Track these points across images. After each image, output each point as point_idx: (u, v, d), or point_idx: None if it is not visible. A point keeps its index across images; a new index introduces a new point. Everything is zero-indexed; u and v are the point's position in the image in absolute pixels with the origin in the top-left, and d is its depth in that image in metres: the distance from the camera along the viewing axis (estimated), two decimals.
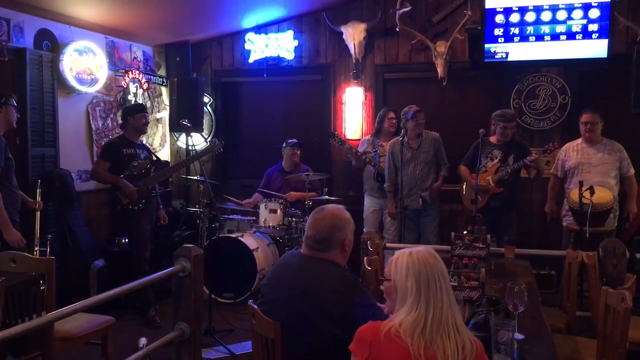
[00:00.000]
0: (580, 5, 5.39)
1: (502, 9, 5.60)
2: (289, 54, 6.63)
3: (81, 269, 5.14)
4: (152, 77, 6.67)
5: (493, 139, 5.13)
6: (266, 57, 6.67)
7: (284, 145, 6.07)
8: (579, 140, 5.12)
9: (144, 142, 5.36)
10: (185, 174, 6.31)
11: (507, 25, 5.61)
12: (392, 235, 5.57)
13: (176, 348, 2.97)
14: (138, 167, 4.88)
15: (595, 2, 5.34)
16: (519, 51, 5.62)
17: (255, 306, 2.35)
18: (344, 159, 6.36)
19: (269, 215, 5.64)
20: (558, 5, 5.45)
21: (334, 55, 6.63)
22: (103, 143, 5.58)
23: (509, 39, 5.62)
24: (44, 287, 3.14)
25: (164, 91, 7.00)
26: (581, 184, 4.44)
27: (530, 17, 5.54)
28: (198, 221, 5.91)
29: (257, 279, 5.31)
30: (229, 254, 5.40)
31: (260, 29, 6.69)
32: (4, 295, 2.74)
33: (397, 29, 5.96)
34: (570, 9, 5.42)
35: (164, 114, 7.01)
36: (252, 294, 5.25)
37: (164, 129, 7.04)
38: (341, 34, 6.35)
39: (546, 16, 5.50)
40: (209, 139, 6.93)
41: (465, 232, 3.73)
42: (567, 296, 3.69)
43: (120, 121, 5.29)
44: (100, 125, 5.89)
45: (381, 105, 6.43)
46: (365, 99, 6.52)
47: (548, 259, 5.39)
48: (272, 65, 6.69)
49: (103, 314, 3.60)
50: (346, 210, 2.45)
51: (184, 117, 5.62)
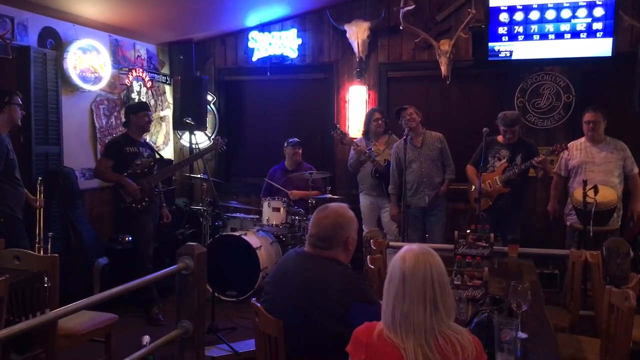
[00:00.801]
0: (585, 3, 5.37)
1: (506, 8, 5.58)
2: (292, 52, 6.63)
3: (84, 267, 5.15)
4: (155, 75, 6.67)
5: (500, 138, 5.09)
6: (270, 55, 6.67)
7: (285, 144, 6.07)
8: (583, 139, 5.10)
9: (147, 141, 5.36)
10: (188, 172, 6.31)
11: (511, 23, 5.59)
12: (395, 233, 5.57)
13: (179, 346, 2.97)
14: (141, 166, 4.89)
15: (599, 1, 5.32)
16: (523, 50, 5.61)
17: (259, 304, 2.36)
18: (347, 157, 6.35)
19: (272, 213, 5.64)
20: (562, 3, 5.44)
21: (337, 53, 6.62)
22: (107, 141, 5.60)
23: (513, 37, 5.61)
24: (47, 285, 3.14)
25: (168, 89, 7.01)
26: (585, 182, 4.43)
27: (534, 15, 5.52)
28: (201, 219, 5.90)
29: (260, 277, 5.31)
30: (232, 252, 5.40)
31: (264, 27, 6.69)
32: (7, 293, 2.74)
33: (401, 28, 5.94)
34: (574, 7, 5.41)
35: (168, 112, 7.02)
36: (255, 292, 5.25)
37: (167, 127, 7.05)
38: (345, 32, 6.34)
39: (550, 15, 5.48)
40: (212, 138, 6.93)
41: (468, 231, 3.73)
42: (571, 295, 3.68)
43: (123, 119, 5.29)
44: (104, 124, 5.90)
45: (385, 103, 6.43)
46: (369, 97, 6.52)
47: (552, 258, 5.38)
48: (276, 63, 6.70)
49: (106, 311, 3.61)
50: (349, 208, 2.45)
51: (188, 116, 5.64)
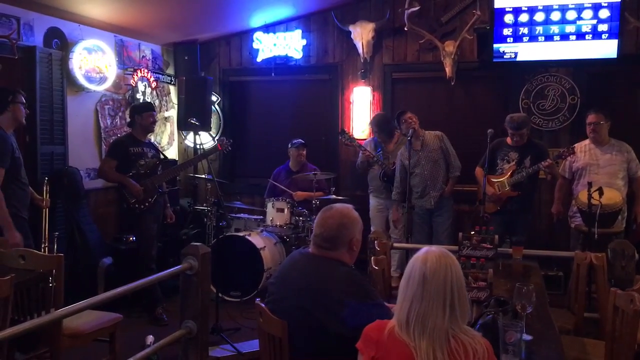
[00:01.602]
0: (590, 5, 5.35)
1: (511, 9, 5.58)
2: (297, 53, 6.63)
3: (89, 267, 5.16)
4: (160, 75, 6.69)
5: (509, 140, 5.08)
6: (274, 56, 6.68)
7: (289, 145, 6.07)
8: (587, 141, 5.08)
9: (151, 141, 5.37)
10: (193, 172, 6.32)
11: (516, 25, 5.58)
12: (399, 235, 5.57)
13: (183, 346, 2.98)
14: (145, 166, 4.89)
15: (605, 2, 5.31)
16: (528, 51, 5.60)
17: (263, 305, 2.36)
18: (351, 158, 6.35)
19: (276, 214, 5.64)
20: (567, 5, 5.42)
21: (342, 54, 6.62)
22: (111, 141, 5.62)
23: (518, 39, 5.60)
24: (52, 284, 3.15)
25: (172, 90, 7.02)
26: (590, 185, 4.42)
27: (539, 17, 5.51)
28: (205, 219, 5.93)
29: (264, 277, 5.31)
30: (236, 252, 5.41)
31: (269, 28, 6.70)
32: (13, 292, 2.75)
33: (406, 29, 5.95)
34: (579, 9, 5.39)
35: (172, 113, 7.03)
36: (258, 292, 5.26)
37: (172, 127, 7.07)
38: (349, 33, 6.34)
39: (555, 16, 5.47)
40: (216, 138, 6.94)
41: (472, 233, 3.72)
42: (576, 297, 3.67)
43: (128, 119, 5.31)
44: (109, 124, 5.92)
45: (389, 105, 6.42)
46: (373, 98, 6.52)
47: (556, 260, 5.37)
48: (280, 64, 6.70)
49: (110, 311, 3.61)
50: (354, 209, 2.45)
51: (192, 116, 5.64)
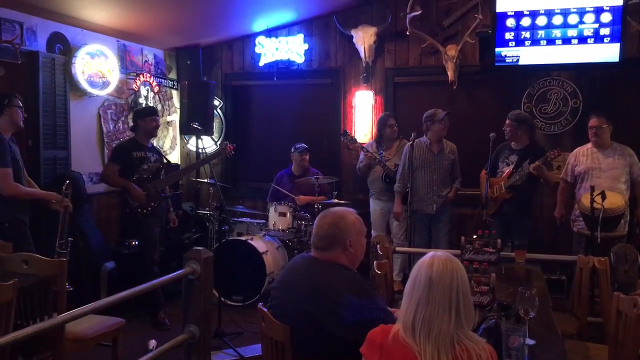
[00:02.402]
0: (592, 9, 5.35)
1: (513, 13, 5.58)
2: (299, 57, 6.65)
3: (92, 271, 5.16)
4: (163, 80, 6.71)
5: (514, 144, 5.14)
6: (276, 60, 6.70)
7: (292, 150, 6.08)
8: (589, 145, 5.08)
9: (154, 145, 5.38)
10: (195, 176, 6.33)
11: (518, 29, 5.58)
12: (401, 239, 5.57)
13: (186, 350, 2.98)
14: (148, 170, 4.90)
15: (607, 6, 5.31)
16: (530, 55, 5.60)
17: (265, 309, 2.36)
18: (353, 162, 6.35)
19: (278, 218, 5.65)
20: (569, 9, 5.42)
21: (344, 58, 6.63)
22: (114, 146, 5.62)
23: (520, 42, 5.60)
24: (56, 289, 3.15)
25: (175, 94, 7.04)
26: (592, 188, 4.41)
27: (541, 21, 5.51)
28: (208, 224, 5.91)
29: (266, 282, 5.32)
30: (238, 256, 5.41)
31: (271, 32, 6.72)
32: (16, 297, 2.75)
33: (408, 33, 5.95)
34: (581, 13, 5.39)
35: (175, 117, 7.04)
36: (261, 296, 5.26)
37: (174, 131, 7.08)
38: (351, 37, 6.35)
39: (557, 20, 5.47)
40: (219, 142, 6.95)
41: (475, 237, 3.72)
42: (578, 302, 3.66)
43: (131, 124, 5.31)
44: (112, 128, 5.93)
45: (391, 108, 6.42)
46: (375, 102, 6.52)
47: (559, 264, 5.35)
48: (282, 68, 6.72)
49: (113, 315, 3.62)
50: (355, 213, 2.45)
51: (195, 120, 5.65)
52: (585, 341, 3.33)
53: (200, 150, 6.63)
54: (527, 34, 5.56)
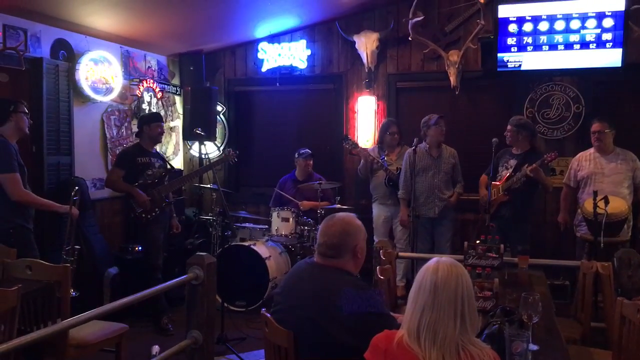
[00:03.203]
0: (594, 14, 5.37)
1: (515, 19, 5.60)
2: (301, 63, 6.66)
3: (95, 277, 5.17)
4: (166, 86, 6.73)
5: (514, 149, 5.15)
6: (279, 66, 6.72)
7: (296, 155, 6.08)
8: (592, 150, 5.08)
9: (158, 151, 5.40)
10: (198, 182, 6.34)
11: (520, 34, 5.60)
12: (404, 244, 5.57)
13: (189, 356, 2.99)
14: (152, 176, 4.91)
15: (609, 12, 5.32)
16: (532, 60, 5.61)
17: (269, 315, 2.36)
18: (356, 167, 6.35)
19: (281, 223, 5.65)
20: (571, 14, 5.44)
21: (346, 64, 6.65)
22: (117, 151, 5.64)
23: (522, 48, 5.61)
24: (59, 295, 3.16)
25: (178, 100, 7.06)
26: (595, 193, 4.41)
27: (543, 26, 5.53)
28: (211, 229, 5.93)
29: (269, 287, 5.31)
30: (241, 262, 5.41)
31: (274, 38, 6.74)
32: (20, 302, 2.76)
33: (410, 38, 5.96)
34: (583, 18, 5.41)
35: (178, 123, 7.06)
36: (264, 302, 5.26)
37: (177, 137, 7.10)
38: (354, 43, 6.37)
39: (559, 25, 5.48)
40: (221, 148, 6.96)
41: (477, 242, 3.72)
42: (582, 307, 3.65)
43: (134, 130, 5.33)
44: (115, 134, 5.95)
45: (394, 114, 6.44)
46: (378, 107, 6.53)
47: (562, 269, 5.34)
48: (285, 74, 6.74)
49: (116, 321, 3.61)
50: (358, 218, 2.46)
51: (198, 126, 5.67)
52: (589, 347, 3.32)
53: (203, 156, 6.65)
54: (529, 40, 5.58)
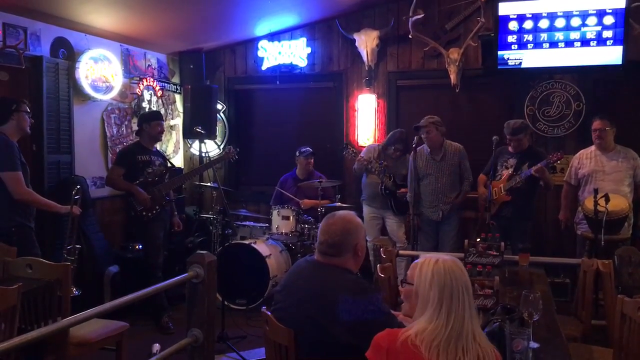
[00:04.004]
0: (595, 12, 5.36)
1: (515, 16, 5.58)
2: (301, 61, 6.66)
3: (95, 275, 5.18)
4: (166, 84, 6.73)
5: (511, 147, 5.12)
6: (279, 64, 6.71)
7: (297, 154, 6.08)
8: (593, 148, 5.08)
9: (158, 149, 5.40)
10: (198, 180, 6.34)
11: (521, 32, 5.59)
12: (402, 241, 5.56)
13: (189, 354, 2.98)
14: (152, 174, 4.91)
15: (609, 9, 5.31)
16: (532, 58, 5.60)
17: (269, 313, 2.36)
18: (354, 164, 6.35)
19: (281, 222, 5.65)
20: (572, 12, 5.43)
21: (346, 62, 6.65)
22: (117, 150, 5.64)
23: (522, 45, 5.60)
24: (60, 293, 3.16)
25: (178, 98, 7.05)
26: (596, 191, 4.41)
27: (543, 24, 5.52)
28: (211, 227, 5.93)
29: (269, 285, 5.32)
30: (241, 260, 5.41)
31: (274, 36, 6.73)
32: (20, 301, 2.76)
33: (410, 36, 5.96)
34: (584, 15, 5.39)
35: (178, 121, 7.06)
36: (264, 300, 5.26)
37: (177, 135, 7.09)
38: (354, 41, 6.36)
39: (560, 23, 5.47)
40: (222, 146, 6.96)
41: (478, 240, 3.72)
42: (582, 305, 3.65)
43: (134, 128, 5.32)
44: (115, 132, 5.94)
45: (394, 112, 6.44)
46: (378, 105, 6.53)
47: (563, 267, 5.34)
48: (285, 72, 6.73)
49: (116, 319, 3.62)
50: (357, 216, 2.46)
51: (198, 124, 5.66)
52: (590, 344, 3.32)
53: (203, 154, 6.65)
54: (530, 37, 5.57)
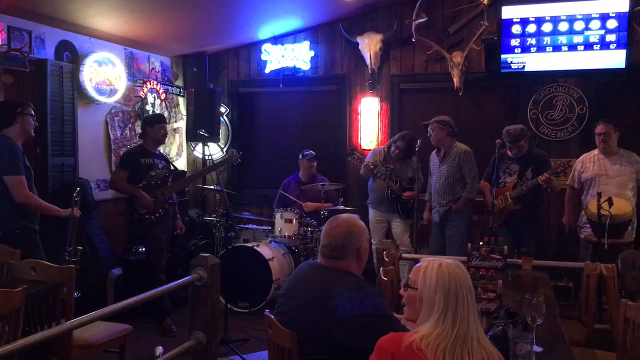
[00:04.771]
0: (598, 15, 5.35)
1: (518, 20, 5.59)
2: (305, 64, 6.67)
3: (99, 278, 5.19)
4: (169, 87, 6.74)
5: (511, 153, 5.05)
6: (282, 67, 6.73)
7: (300, 157, 6.08)
8: (596, 152, 5.07)
9: (161, 152, 5.41)
10: (201, 183, 6.35)
11: (524, 35, 5.59)
12: (406, 245, 5.55)
13: (192, 357, 2.99)
14: (156, 177, 4.92)
15: (613, 13, 5.31)
16: (535, 61, 5.60)
17: (272, 316, 2.36)
18: (359, 169, 6.35)
19: (284, 225, 5.65)
20: (575, 15, 5.43)
21: (349, 65, 6.65)
22: (121, 153, 5.65)
23: (525, 49, 5.60)
24: (63, 296, 3.16)
25: (181, 101, 7.07)
26: (599, 195, 4.40)
27: (547, 27, 5.52)
28: (214, 230, 5.93)
29: (272, 288, 5.32)
30: (244, 263, 5.41)
31: (277, 39, 6.75)
32: (24, 303, 2.76)
33: (413, 40, 5.97)
34: (587, 19, 5.39)
35: (181, 124, 7.07)
36: (267, 303, 5.26)
37: (180, 138, 7.11)
38: (357, 44, 6.38)
39: (563, 27, 5.47)
40: (225, 149, 6.97)
41: (481, 243, 3.71)
42: (586, 308, 3.65)
43: (138, 131, 5.33)
44: (119, 135, 5.96)
45: (397, 115, 6.44)
46: (381, 109, 6.53)
47: (566, 270, 5.33)
48: (288, 75, 6.74)
49: (119, 322, 3.62)
50: (360, 219, 2.46)
51: (201, 127, 5.68)
52: (593, 349, 3.32)
53: (207, 157, 6.65)
54: (533, 41, 5.57)
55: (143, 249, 5.30)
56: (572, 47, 5.48)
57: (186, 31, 6.18)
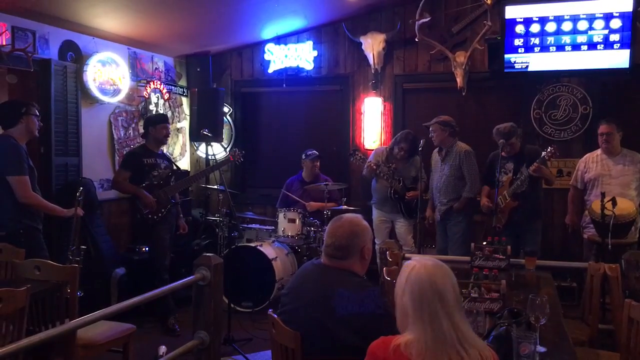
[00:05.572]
0: (602, 15, 5.34)
1: (522, 20, 5.58)
2: (308, 64, 6.67)
3: (102, 277, 5.19)
4: (173, 87, 6.75)
5: (504, 152, 5.02)
6: (285, 67, 6.73)
7: (303, 157, 6.08)
8: (599, 152, 5.06)
9: (164, 152, 5.42)
10: (204, 183, 6.36)
11: (528, 35, 5.58)
12: (409, 245, 5.55)
13: (196, 356, 3.00)
14: (158, 177, 4.93)
15: (616, 12, 5.30)
16: (539, 61, 5.59)
17: (275, 316, 2.36)
18: (362, 169, 6.35)
19: (287, 224, 5.66)
20: (579, 15, 5.41)
21: (353, 65, 6.65)
22: (125, 152, 5.66)
23: (529, 49, 5.59)
24: (67, 295, 3.17)
25: (185, 101, 7.08)
26: (603, 195, 4.39)
27: (550, 27, 5.51)
28: (217, 230, 5.92)
29: (275, 288, 5.32)
30: (247, 263, 5.42)
31: (280, 39, 6.75)
32: (28, 303, 2.77)
33: (417, 39, 5.96)
34: (591, 19, 5.38)
35: (185, 124, 7.08)
36: (270, 303, 5.26)
37: (184, 138, 7.12)
38: (360, 44, 6.37)
39: (567, 26, 5.46)
40: (228, 149, 6.98)
41: (484, 243, 3.71)
42: (589, 309, 3.64)
43: (141, 131, 5.34)
44: (122, 135, 5.97)
45: (400, 115, 6.44)
46: (384, 109, 6.53)
47: (569, 270, 5.32)
48: (292, 75, 6.75)
49: (122, 321, 3.63)
50: (363, 219, 2.46)
51: (204, 127, 5.68)
52: (597, 349, 3.31)
53: (210, 157, 6.66)
54: (537, 41, 5.56)
55: (146, 249, 5.31)
56: (576, 47, 5.47)
57: (190, 31, 6.19)
